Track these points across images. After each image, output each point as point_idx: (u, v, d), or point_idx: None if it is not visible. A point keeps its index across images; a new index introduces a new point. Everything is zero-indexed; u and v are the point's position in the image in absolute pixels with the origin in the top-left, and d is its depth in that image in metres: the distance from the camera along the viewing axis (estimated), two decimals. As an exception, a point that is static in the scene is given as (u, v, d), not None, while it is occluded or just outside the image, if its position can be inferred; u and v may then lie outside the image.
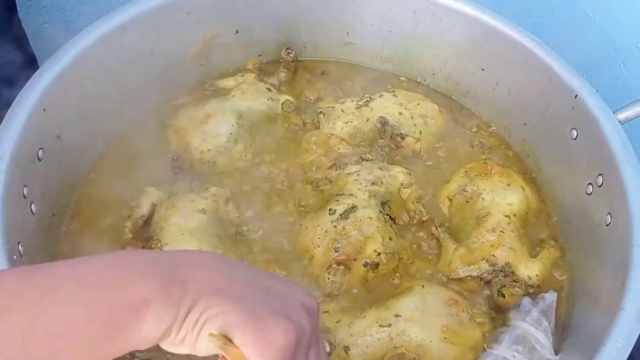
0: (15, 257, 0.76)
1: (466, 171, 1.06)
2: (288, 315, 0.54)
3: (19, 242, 0.79)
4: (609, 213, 0.88)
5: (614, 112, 0.95)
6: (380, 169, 1.03)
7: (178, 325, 0.51)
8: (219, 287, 0.53)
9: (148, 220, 0.95)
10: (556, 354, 0.86)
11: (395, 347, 0.83)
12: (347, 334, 0.84)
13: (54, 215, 0.93)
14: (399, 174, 1.04)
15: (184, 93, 1.15)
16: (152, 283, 0.51)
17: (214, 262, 0.57)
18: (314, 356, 0.58)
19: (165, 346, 0.53)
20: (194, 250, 0.82)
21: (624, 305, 0.74)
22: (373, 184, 1.00)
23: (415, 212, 1.01)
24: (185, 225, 0.91)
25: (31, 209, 0.86)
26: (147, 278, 0.51)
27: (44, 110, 0.88)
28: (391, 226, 0.97)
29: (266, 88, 1.16)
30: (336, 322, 0.85)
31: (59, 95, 0.91)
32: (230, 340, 0.52)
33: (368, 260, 0.91)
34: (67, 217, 0.96)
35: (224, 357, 0.53)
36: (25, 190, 0.84)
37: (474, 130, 1.18)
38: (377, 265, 0.92)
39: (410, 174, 1.04)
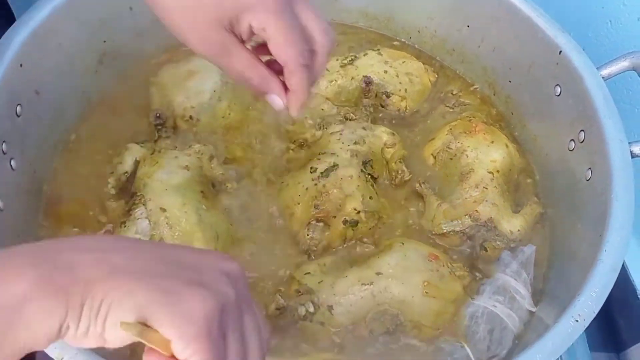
0: (-5, 211, 0.76)
1: (450, 129, 1.06)
2: (204, 283, 0.48)
3: (-2, 197, 0.79)
4: (590, 168, 0.89)
5: (597, 69, 0.94)
6: (363, 128, 1.03)
7: (75, 317, 0.45)
8: (117, 266, 0.46)
9: (131, 177, 0.95)
10: (535, 305, 0.88)
11: (378, 305, 0.84)
12: (330, 294, 0.84)
13: (34, 172, 0.92)
14: (382, 134, 1.04)
15: (166, 49, 1.14)
16: (28, 276, 0.44)
17: (109, 243, 0.50)
18: (250, 322, 0.52)
19: (72, 342, 0.46)
20: (85, 235, 0.78)
21: (600, 257, 0.75)
22: (356, 143, 1.00)
23: (398, 171, 1.01)
24: (168, 182, 0.91)
25: (11, 165, 0.85)
26: (22, 271, 0.44)
27: (21, 65, 0.87)
28: (372, 185, 0.97)
29: (250, 45, 1.14)
30: (318, 282, 0.86)
31: (36, 51, 0.90)
32: (146, 325, 0.46)
33: (347, 218, 0.92)
34: (49, 174, 0.96)
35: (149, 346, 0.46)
36: (4, 146, 0.83)
37: (458, 88, 1.17)
38: (356, 223, 0.92)
39: (394, 134, 1.04)
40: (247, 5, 0.59)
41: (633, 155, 0.85)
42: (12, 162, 0.86)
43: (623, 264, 1.06)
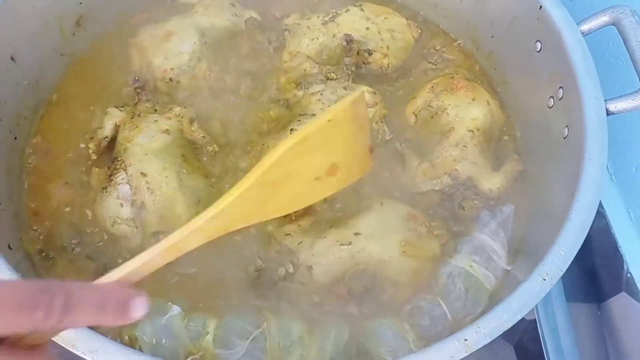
0: (-25, 180, 0.77)
1: (432, 86, 1.06)
2: None
3: (-22, 165, 0.80)
4: (567, 126, 0.89)
5: (577, 24, 0.93)
6: (344, 88, 1.03)
7: None
8: None
9: (112, 142, 0.96)
10: (510, 264, 0.89)
11: (357, 264, 0.86)
12: (309, 255, 0.86)
13: (15, 138, 0.93)
14: (363, 94, 1.03)
15: (144, 9, 1.12)
16: None
17: None
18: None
19: None
20: None
21: (570, 216, 0.76)
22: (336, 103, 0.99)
23: (379, 131, 1.01)
24: (149, 146, 0.92)
25: (-9, 130, 0.86)
26: None
27: (-2, 29, 0.86)
28: (352, 145, 0.97)
29: (230, 3, 1.12)
30: (298, 243, 0.88)
31: (9, 14, 0.89)
32: None
33: (326, 177, 0.92)
34: (30, 140, 0.96)
35: None
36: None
37: (441, 45, 1.16)
38: None
39: (375, 93, 1.03)
40: None
41: (609, 113, 0.84)
42: (-8, 128, 0.86)
43: (604, 216, 1.08)
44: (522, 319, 0.70)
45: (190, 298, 0.86)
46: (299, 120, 0.97)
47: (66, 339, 0.62)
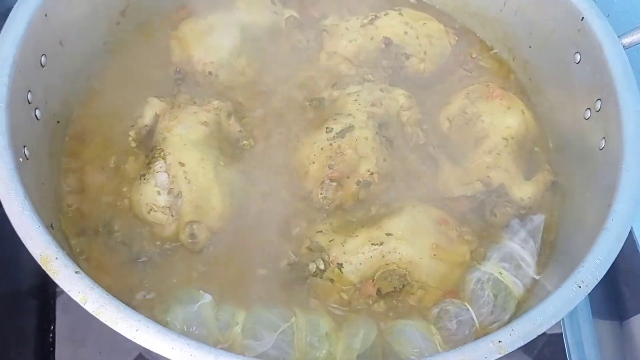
0: (21, 159, 0.78)
1: (467, 93, 1.06)
2: None
3: (24, 146, 0.81)
4: (604, 138, 0.89)
5: (619, 37, 0.93)
6: (381, 90, 1.04)
7: None
8: None
9: (151, 131, 0.97)
10: (539, 273, 0.89)
11: (387, 264, 0.86)
12: (340, 252, 0.87)
13: (58, 122, 0.95)
14: (399, 97, 1.04)
15: (187, 3, 1.14)
16: None
17: None
18: None
19: None
20: None
21: (607, 226, 0.76)
22: (372, 105, 1.00)
23: (413, 135, 1.02)
24: (187, 136, 0.93)
25: (36, 115, 0.88)
26: None
27: (45, 15, 0.88)
28: (387, 148, 0.98)
29: (271, 2, 1.14)
30: (330, 241, 0.88)
31: (61, 1, 0.91)
32: None
33: (361, 179, 0.94)
34: (72, 124, 0.98)
35: None
36: (29, 96, 0.85)
37: (477, 53, 1.17)
38: (369, 184, 0.94)
39: (410, 97, 1.04)
40: None
41: (648, 127, 0.85)
42: (37, 112, 0.88)
43: (631, 235, 1.07)
44: (543, 333, 0.70)
45: (221, 289, 0.87)
46: (335, 119, 0.98)
47: (109, 316, 0.63)
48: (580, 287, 0.71)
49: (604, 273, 0.73)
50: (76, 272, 0.67)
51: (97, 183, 0.94)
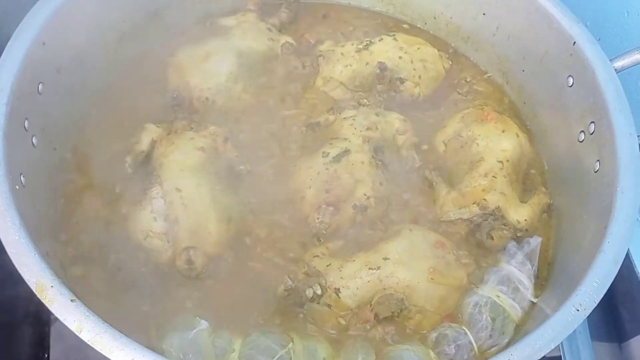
0: (17, 187, 0.78)
1: (462, 116, 1.07)
2: None
3: (21, 174, 0.81)
4: (598, 160, 0.90)
5: (611, 60, 0.95)
6: (376, 114, 1.04)
7: None
8: None
9: (148, 157, 0.97)
10: (536, 296, 0.89)
11: (385, 289, 0.86)
12: (337, 277, 0.87)
13: (55, 149, 0.95)
14: (395, 120, 1.05)
15: (184, 31, 1.15)
16: None
17: None
18: None
19: None
20: None
21: (603, 248, 0.76)
22: (368, 129, 1.01)
23: (409, 158, 1.03)
24: (184, 162, 0.94)
25: (32, 142, 0.88)
26: None
27: (44, 43, 0.89)
28: (383, 172, 0.99)
29: (267, 28, 1.15)
30: (327, 265, 0.88)
31: (59, 30, 0.92)
32: None
33: (357, 203, 0.94)
34: (68, 151, 0.98)
35: None
36: (26, 123, 0.86)
37: (471, 76, 1.18)
38: (366, 208, 0.94)
39: (406, 121, 1.05)
40: None
41: (642, 149, 0.85)
42: (34, 139, 0.88)
43: (629, 256, 1.08)
44: (542, 356, 0.70)
45: (218, 315, 0.86)
46: (331, 144, 0.99)
47: (104, 345, 0.63)
48: (578, 310, 0.71)
49: (601, 296, 0.73)
50: (72, 300, 0.67)
51: (94, 209, 0.94)
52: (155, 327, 0.84)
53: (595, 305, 0.72)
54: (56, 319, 0.67)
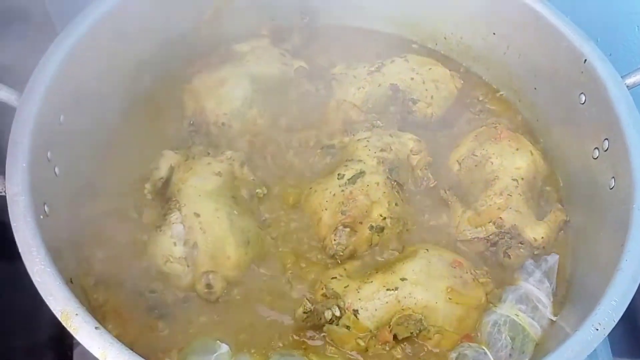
0: (42, 216, 0.80)
1: (476, 135, 1.08)
2: None
3: (44, 203, 0.83)
4: (613, 177, 0.90)
5: (622, 77, 0.95)
6: (390, 135, 1.06)
7: None
8: None
9: (166, 182, 0.99)
10: (555, 314, 0.89)
11: (403, 309, 0.87)
12: (355, 299, 0.87)
13: (76, 178, 0.97)
14: (408, 141, 1.05)
15: (199, 58, 1.18)
16: None
17: None
18: None
19: None
20: None
21: (621, 266, 0.76)
22: (382, 150, 1.02)
23: (423, 178, 1.04)
24: (202, 187, 0.95)
25: (55, 172, 0.90)
26: None
27: (65, 76, 0.92)
28: (398, 192, 0.99)
29: (280, 53, 1.17)
30: (345, 287, 0.89)
31: (78, 63, 0.95)
32: None
33: (374, 224, 0.95)
34: (90, 178, 1.00)
35: None
36: (49, 154, 0.88)
37: (483, 95, 1.19)
38: (382, 229, 0.95)
39: (420, 141, 1.06)
40: None
41: (657, 166, 0.85)
42: (56, 169, 0.90)
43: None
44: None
45: (238, 338, 0.87)
46: (346, 166, 1.00)
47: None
48: (597, 329, 0.71)
49: (620, 314, 0.73)
50: (96, 328, 0.68)
51: (114, 235, 0.96)
52: (176, 351, 0.85)
53: (614, 324, 0.72)
54: (78, 343, 0.69)
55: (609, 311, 0.72)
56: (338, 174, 0.99)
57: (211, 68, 1.14)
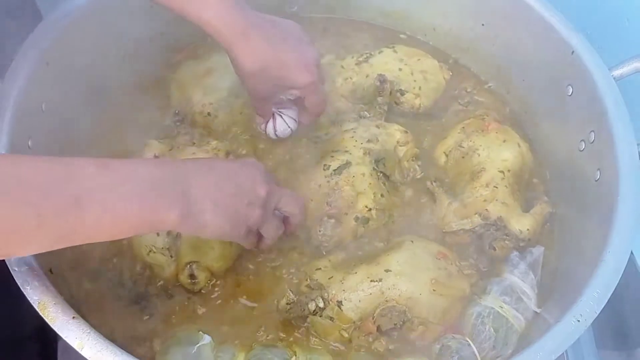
0: (21, 205, 0.79)
1: (463, 127, 1.08)
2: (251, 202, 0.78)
3: (24, 192, 0.82)
4: (599, 169, 0.90)
5: (610, 69, 0.95)
6: (377, 126, 1.05)
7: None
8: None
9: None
10: (540, 306, 0.89)
11: (387, 301, 0.86)
12: (339, 290, 0.87)
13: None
14: (395, 132, 1.05)
15: (186, 47, 1.17)
16: (173, 214, 0.69)
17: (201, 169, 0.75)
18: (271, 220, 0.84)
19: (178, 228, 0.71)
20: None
21: (604, 258, 0.76)
22: (369, 141, 1.01)
23: (410, 169, 1.03)
24: (186, 178, 0.94)
25: (36, 160, 0.89)
26: (171, 210, 0.68)
27: (47, 64, 0.91)
28: (384, 183, 0.99)
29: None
30: (329, 278, 0.89)
31: (62, 50, 0.93)
32: None
33: (359, 215, 0.94)
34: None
35: None
36: (30, 142, 0.87)
37: (472, 87, 1.18)
38: (367, 220, 0.94)
39: (407, 132, 1.05)
40: (298, 87, 0.94)
41: (642, 157, 0.85)
42: (37, 158, 0.89)
43: (634, 261, 1.07)
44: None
45: (221, 329, 0.87)
46: (332, 157, 0.99)
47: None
48: (579, 321, 0.71)
49: (602, 306, 0.73)
50: (73, 318, 0.67)
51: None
52: (159, 342, 0.84)
53: (596, 315, 0.72)
54: (62, 333, 0.68)
55: (591, 303, 0.72)
56: (324, 165, 0.98)
57: (198, 58, 1.13)
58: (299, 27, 0.96)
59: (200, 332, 0.84)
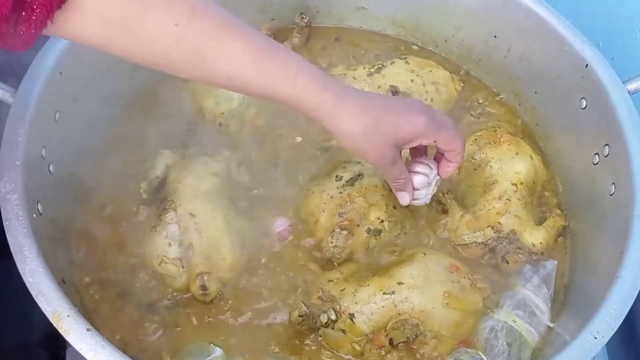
0: (34, 215, 0.79)
1: (475, 139, 1.07)
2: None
3: (38, 201, 0.83)
4: (613, 183, 0.89)
5: (624, 82, 0.94)
6: (389, 137, 1.05)
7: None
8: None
9: (162, 182, 0.98)
10: (553, 321, 0.88)
11: (399, 314, 0.86)
12: (352, 302, 0.86)
13: (71, 176, 0.96)
14: None
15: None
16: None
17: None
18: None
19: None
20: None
21: (620, 274, 0.75)
22: (381, 152, 1.01)
23: None
24: (198, 187, 0.94)
25: (49, 170, 0.89)
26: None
27: (60, 73, 0.91)
28: (396, 195, 0.99)
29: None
30: (341, 290, 0.88)
31: (75, 59, 0.93)
32: None
33: (371, 227, 0.94)
34: (85, 177, 0.99)
35: None
36: (43, 152, 0.87)
37: (483, 98, 1.18)
38: (379, 232, 0.94)
39: None
40: (419, 133, 0.79)
41: (658, 172, 0.85)
42: (51, 167, 0.89)
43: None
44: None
45: (232, 341, 0.87)
46: (344, 168, 0.99)
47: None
48: (596, 337, 0.70)
49: (619, 323, 0.72)
50: (88, 330, 0.67)
51: (109, 234, 0.95)
52: (170, 354, 0.84)
53: (613, 332, 0.71)
54: (71, 342, 0.68)
55: (608, 319, 0.72)
56: (336, 176, 0.98)
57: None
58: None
59: (212, 344, 0.84)
